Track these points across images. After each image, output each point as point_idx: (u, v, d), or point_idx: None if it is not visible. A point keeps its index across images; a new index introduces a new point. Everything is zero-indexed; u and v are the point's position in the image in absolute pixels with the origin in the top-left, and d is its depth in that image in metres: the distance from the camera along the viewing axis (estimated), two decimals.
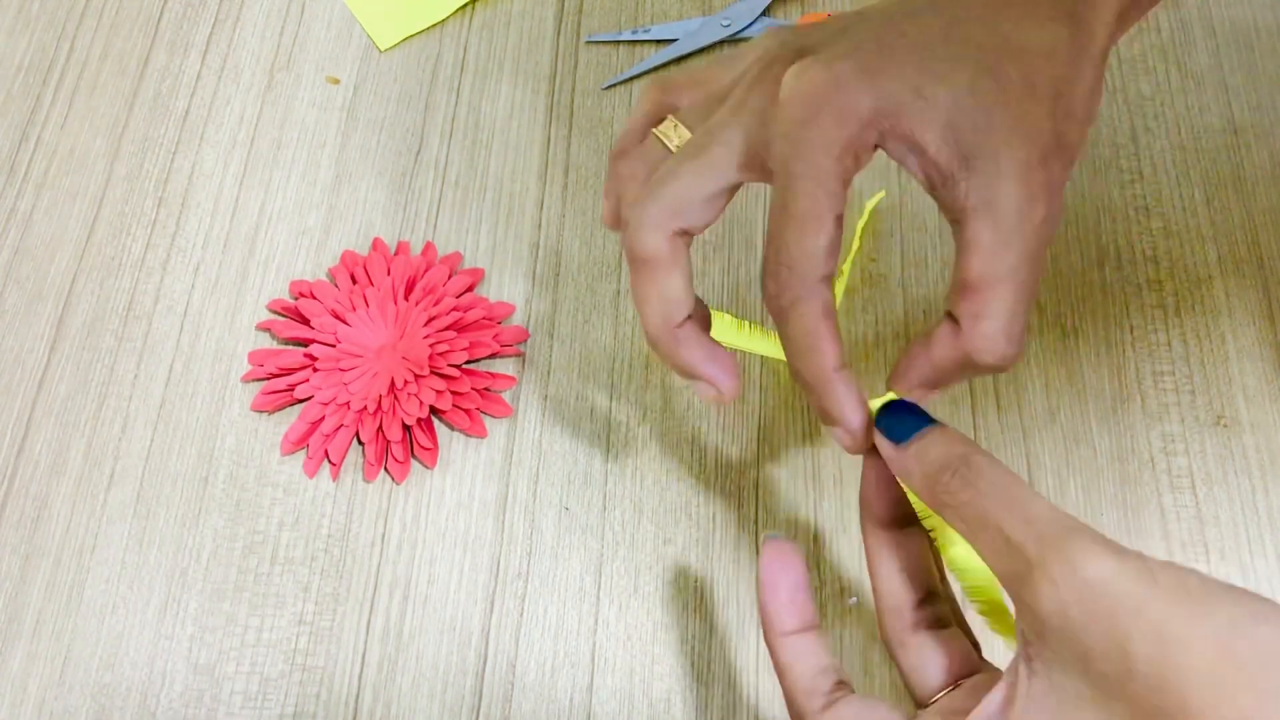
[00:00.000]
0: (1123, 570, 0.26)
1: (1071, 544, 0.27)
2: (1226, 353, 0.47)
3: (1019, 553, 0.28)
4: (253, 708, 0.42)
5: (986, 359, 0.32)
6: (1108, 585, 0.26)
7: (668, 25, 0.56)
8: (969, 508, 0.30)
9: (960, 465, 0.31)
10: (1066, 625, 0.26)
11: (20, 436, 0.47)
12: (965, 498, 0.30)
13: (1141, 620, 0.25)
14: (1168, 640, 0.25)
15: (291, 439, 0.46)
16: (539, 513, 0.45)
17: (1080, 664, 0.26)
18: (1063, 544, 0.27)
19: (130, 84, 0.56)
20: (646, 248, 0.34)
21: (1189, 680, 0.24)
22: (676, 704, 0.42)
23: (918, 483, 0.32)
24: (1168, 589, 0.26)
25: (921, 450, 0.32)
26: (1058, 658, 0.27)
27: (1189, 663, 0.24)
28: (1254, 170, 0.52)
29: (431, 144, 0.54)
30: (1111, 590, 0.26)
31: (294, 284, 0.50)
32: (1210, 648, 0.24)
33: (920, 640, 0.33)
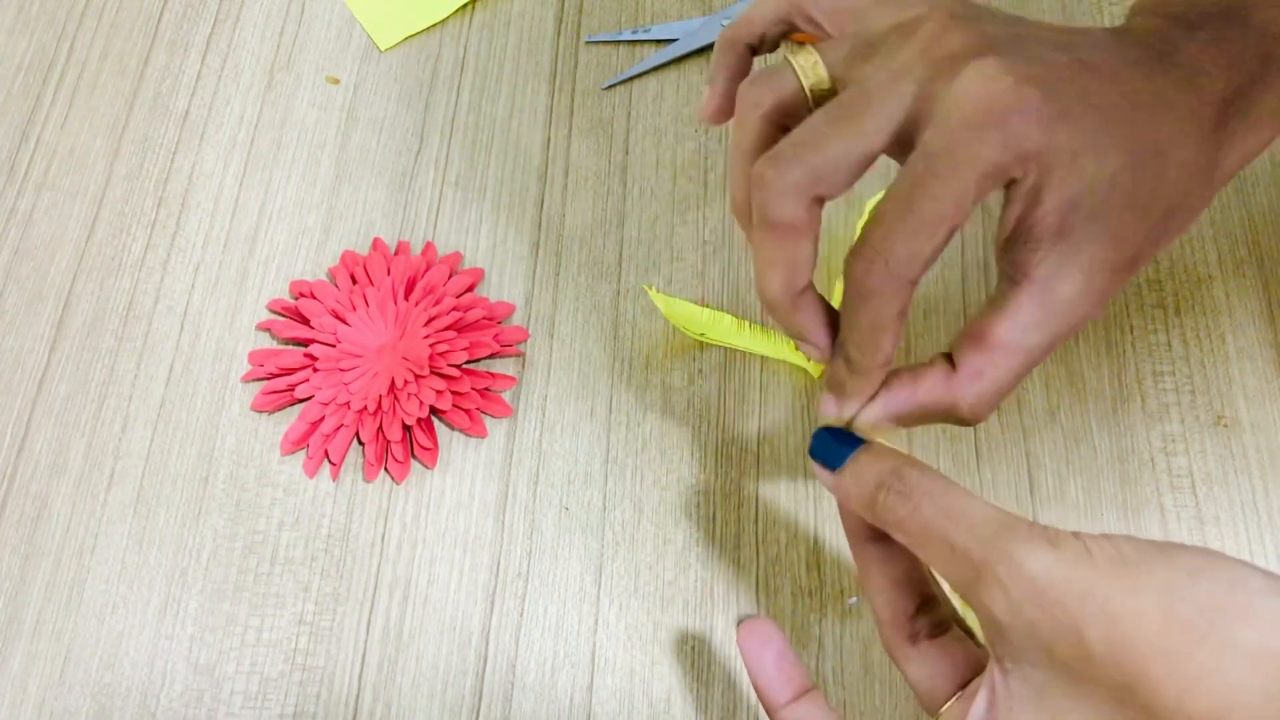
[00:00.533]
0: (1062, 559, 0.27)
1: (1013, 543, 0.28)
2: (1226, 353, 0.47)
3: (965, 560, 0.29)
4: (253, 708, 0.42)
5: (965, 413, 0.33)
6: (1051, 577, 0.27)
7: (668, 25, 0.56)
8: (909, 522, 0.31)
9: (893, 480, 0.31)
10: (1022, 624, 0.27)
11: (20, 436, 0.47)
12: (904, 513, 0.31)
13: (1089, 603, 0.26)
14: (1115, 617, 0.26)
15: (291, 439, 0.46)
16: (539, 513, 0.45)
17: (1045, 657, 0.27)
18: (1002, 544, 0.28)
19: (130, 84, 0.56)
20: (784, 213, 0.32)
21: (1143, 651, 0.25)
22: (676, 704, 0.42)
23: (858, 506, 0.33)
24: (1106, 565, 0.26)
25: (855, 473, 0.33)
26: (1023, 655, 0.28)
27: (1139, 634, 0.25)
28: (1254, 170, 0.52)
29: (431, 144, 0.54)
30: (1055, 581, 0.27)
31: (294, 284, 0.50)
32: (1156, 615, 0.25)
33: (922, 651, 0.33)
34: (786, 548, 0.44)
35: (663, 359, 0.48)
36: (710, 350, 0.48)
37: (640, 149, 0.53)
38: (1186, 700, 0.25)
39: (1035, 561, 0.27)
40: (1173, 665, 0.25)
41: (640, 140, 0.53)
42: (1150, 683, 0.25)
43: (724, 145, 0.53)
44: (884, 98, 0.31)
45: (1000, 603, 0.27)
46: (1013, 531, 0.28)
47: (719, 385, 0.48)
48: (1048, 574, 0.27)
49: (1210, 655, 0.25)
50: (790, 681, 0.35)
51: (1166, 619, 0.25)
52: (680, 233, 0.51)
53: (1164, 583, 0.26)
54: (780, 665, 0.36)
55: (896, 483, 0.31)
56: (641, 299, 0.49)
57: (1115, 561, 0.26)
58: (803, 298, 0.34)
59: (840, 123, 0.31)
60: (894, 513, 0.31)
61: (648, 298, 0.49)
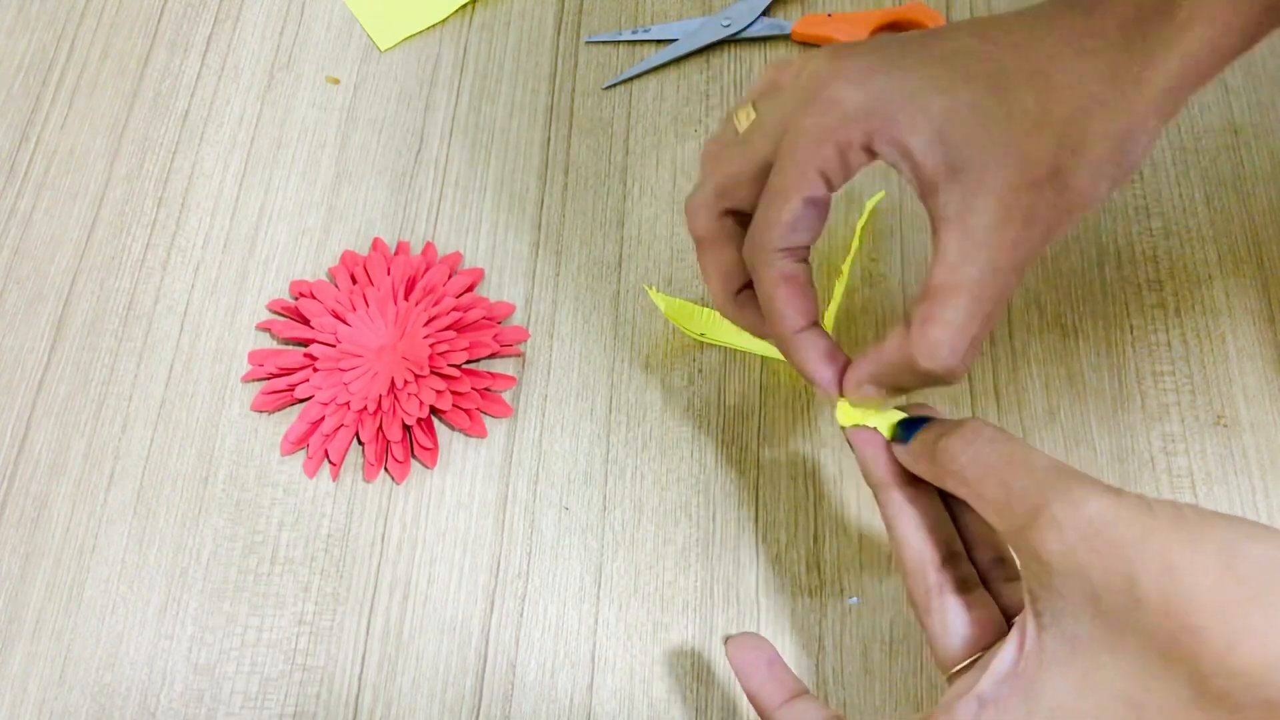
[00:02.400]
0: (1123, 505, 0.27)
1: (1072, 487, 0.28)
2: (1226, 353, 0.47)
3: (1022, 501, 0.29)
4: (253, 708, 0.42)
5: (925, 363, 0.33)
6: (1110, 521, 0.27)
7: (668, 25, 0.56)
8: (971, 466, 0.31)
9: (956, 428, 0.32)
10: (1073, 566, 0.27)
11: (20, 436, 0.47)
12: (966, 458, 0.31)
13: (1145, 550, 0.26)
14: (1172, 566, 0.25)
15: (291, 439, 0.46)
16: (539, 513, 0.45)
17: (1089, 604, 0.27)
18: (1064, 487, 0.28)
19: (130, 84, 0.56)
20: (697, 227, 0.38)
21: (1195, 601, 0.25)
22: (676, 704, 0.42)
23: (924, 461, 0.33)
24: (1167, 519, 0.26)
25: (923, 436, 0.33)
26: (1067, 603, 0.27)
27: (1194, 584, 0.25)
28: (1254, 170, 0.52)
29: (431, 144, 0.54)
30: (1114, 525, 0.27)
31: (294, 284, 0.50)
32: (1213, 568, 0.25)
33: (945, 604, 0.33)
34: (786, 548, 0.44)
35: (663, 359, 0.48)
36: (710, 350, 0.48)
37: (640, 149, 0.53)
38: (1233, 655, 0.24)
39: (1095, 504, 0.27)
40: (1224, 618, 0.25)
41: (640, 140, 0.53)
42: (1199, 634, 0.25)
43: None
44: (764, 115, 0.36)
45: (1054, 543, 0.27)
46: (1077, 478, 0.28)
47: (719, 385, 0.48)
48: (1107, 518, 0.27)
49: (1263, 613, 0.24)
50: (783, 685, 0.35)
51: (1222, 573, 0.25)
52: (680, 233, 0.51)
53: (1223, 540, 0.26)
54: (772, 670, 0.36)
55: (961, 429, 0.32)
56: (641, 299, 0.49)
57: (1176, 518, 0.26)
58: (740, 296, 0.38)
59: (733, 146, 0.36)
60: (956, 458, 0.31)
61: (648, 298, 0.49)
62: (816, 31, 0.55)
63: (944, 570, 0.33)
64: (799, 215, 0.34)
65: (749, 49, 0.56)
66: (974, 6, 0.57)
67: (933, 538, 0.34)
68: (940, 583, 0.33)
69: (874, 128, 0.32)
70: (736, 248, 0.37)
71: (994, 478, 0.30)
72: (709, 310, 0.48)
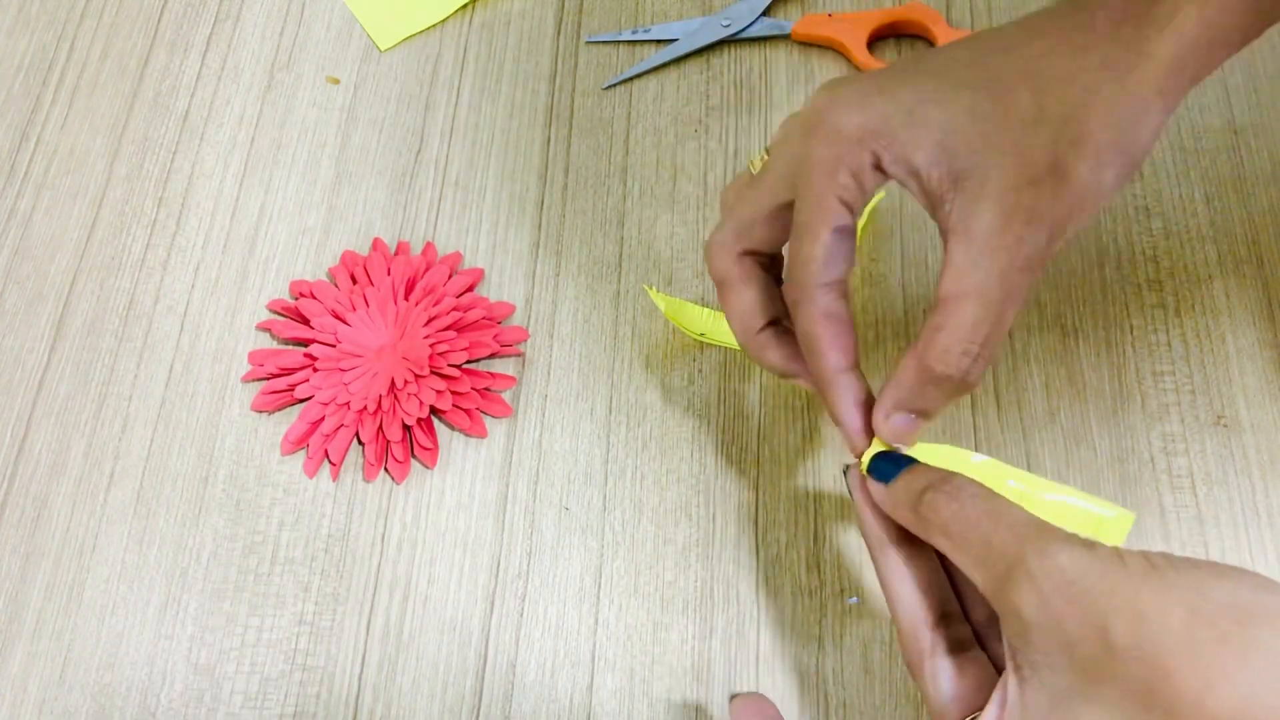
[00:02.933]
0: (1094, 557, 0.27)
1: (1047, 540, 0.28)
2: (1226, 353, 0.47)
3: (1000, 555, 0.29)
4: (253, 708, 0.42)
5: (939, 369, 0.33)
6: (1082, 573, 0.27)
7: (668, 25, 0.56)
8: (953, 521, 0.31)
9: (941, 483, 0.32)
10: (1048, 618, 0.27)
11: (20, 436, 0.47)
12: (948, 512, 0.31)
13: (1116, 599, 0.26)
14: (1142, 612, 0.26)
15: (291, 439, 0.46)
16: (539, 513, 0.45)
17: (1066, 656, 0.27)
18: (1039, 541, 0.28)
19: (130, 84, 0.56)
20: (717, 270, 0.38)
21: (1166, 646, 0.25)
22: (676, 704, 0.42)
23: (905, 510, 0.33)
24: (1136, 568, 0.27)
25: (906, 482, 0.33)
26: (1044, 655, 0.28)
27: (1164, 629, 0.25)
28: (1254, 170, 0.52)
29: (431, 144, 0.54)
30: (1086, 577, 0.27)
31: (294, 284, 0.50)
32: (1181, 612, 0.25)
33: (938, 665, 0.33)
34: (786, 548, 0.44)
35: (663, 359, 0.48)
36: (710, 350, 0.48)
37: (640, 149, 0.53)
38: (1208, 697, 0.24)
39: (1068, 556, 0.27)
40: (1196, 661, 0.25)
41: (640, 140, 0.53)
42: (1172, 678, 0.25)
43: (724, 146, 0.53)
44: (775, 155, 0.36)
45: (1029, 595, 0.28)
46: (1050, 531, 0.29)
47: (719, 385, 0.48)
48: (1080, 570, 0.27)
49: (1234, 654, 0.24)
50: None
51: (1191, 615, 0.25)
52: (680, 233, 0.51)
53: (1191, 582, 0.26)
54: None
55: (944, 485, 0.32)
56: (641, 299, 0.49)
57: (1145, 566, 0.27)
58: (761, 336, 0.38)
59: (747, 189, 0.37)
60: (939, 512, 0.31)
61: (648, 298, 0.49)
62: (816, 31, 0.55)
63: (938, 630, 0.33)
64: (831, 247, 0.34)
65: (749, 49, 0.56)
66: (974, 6, 0.57)
67: (927, 598, 0.34)
68: (934, 643, 0.33)
69: (879, 147, 0.33)
70: (757, 288, 0.38)
71: (975, 533, 0.30)
72: (709, 310, 0.48)
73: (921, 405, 0.34)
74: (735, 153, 0.53)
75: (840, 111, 0.34)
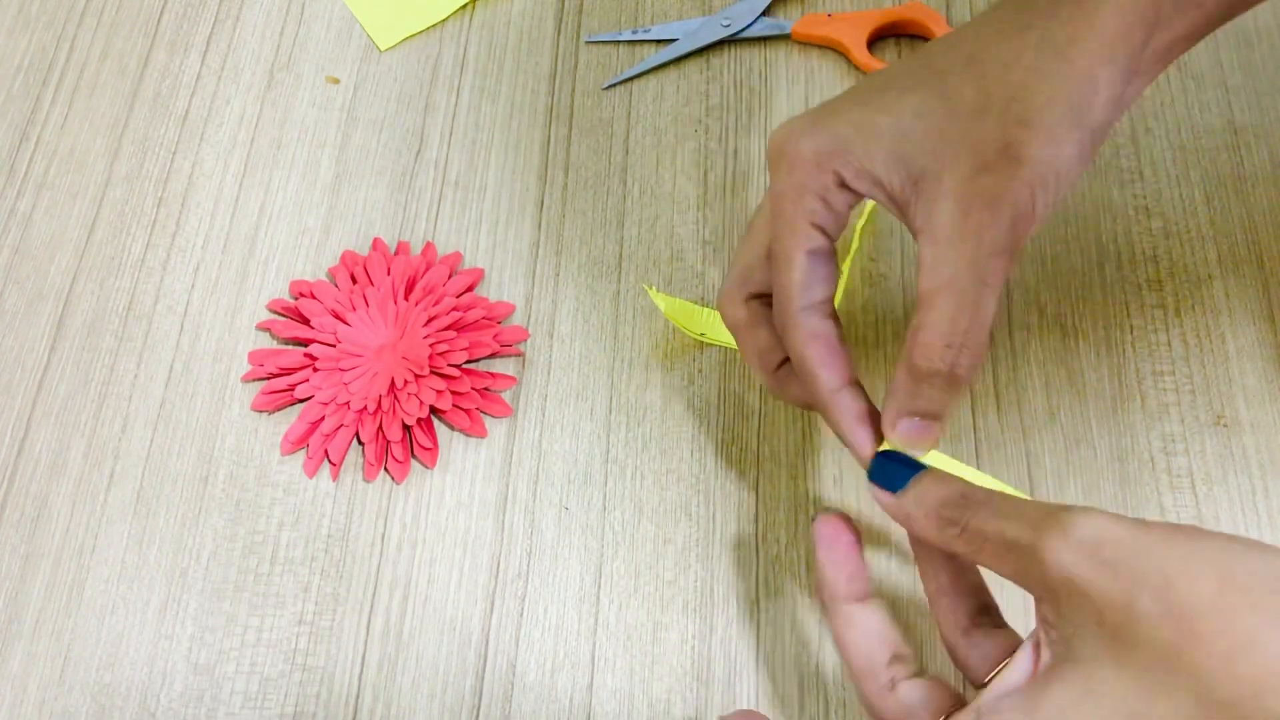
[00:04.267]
0: (1118, 524, 0.27)
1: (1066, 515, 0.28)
2: (1226, 353, 0.47)
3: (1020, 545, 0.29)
4: (253, 708, 0.42)
5: (925, 365, 0.33)
6: (1106, 540, 0.27)
7: (668, 25, 0.56)
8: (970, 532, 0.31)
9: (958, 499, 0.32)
10: (1075, 587, 0.27)
11: (20, 436, 0.47)
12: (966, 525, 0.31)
13: (1143, 564, 0.26)
14: (1170, 577, 0.26)
15: (291, 439, 0.46)
16: (539, 513, 0.45)
17: (1095, 623, 0.27)
18: (1058, 517, 0.28)
19: (130, 84, 0.56)
20: (729, 320, 0.40)
21: (1195, 609, 0.25)
22: (676, 704, 0.42)
23: (921, 525, 0.33)
24: (1162, 534, 0.27)
25: (919, 495, 0.34)
26: (1073, 625, 0.28)
27: (1193, 592, 0.25)
28: (1254, 170, 0.52)
29: (431, 144, 0.54)
30: (1111, 543, 0.27)
31: (294, 284, 0.50)
32: (1211, 576, 0.26)
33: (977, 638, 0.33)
34: (786, 548, 0.44)
35: (663, 359, 0.48)
36: (710, 350, 0.48)
37: (640, 149, 0.53)
38: (1234, 663, 0.25)
39: (1090, 525, 0.27)
40: (1225, 627, 0.25)
41: (640, 140, 0.53)
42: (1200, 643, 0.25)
43: (724, 146, 0.53)
44: (763, 202, 0.38)
45: (1054, 569, 0.28)
46: (1069, 508, 0.29)
47: (719, 385, 0.48)
48: (1103, 537, 0.27)
49: (1263, 621, 0.25)
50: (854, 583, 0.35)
51: (1221, 582, 0.25)
52: (680, 233, 0.51)
53: (1220, 550, 0.26)
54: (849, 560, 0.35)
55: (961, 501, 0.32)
56: (641, 299, 0.50)
57: (1171, 532, 0.27)
58: (780, 373, 0.39)
59: (744, 238, 0.39)
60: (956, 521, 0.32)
61: (648, 298, 0.49)
62: (816, 31, 0.55)
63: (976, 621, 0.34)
64: (807, 271, 0.35)
65: (749, 49, 0.56)
66: (974, 6, 0.57)
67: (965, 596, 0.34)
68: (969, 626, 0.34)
69: (838, 165, 0.34)
70: (767, 328, 0.39)
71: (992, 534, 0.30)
72: (709, 310, 0.48)
73: (921, 406, 0.34)
74: (735, 153, 0.53)
75: (794, 140, 0.35)
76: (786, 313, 0.36)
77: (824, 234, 0.35)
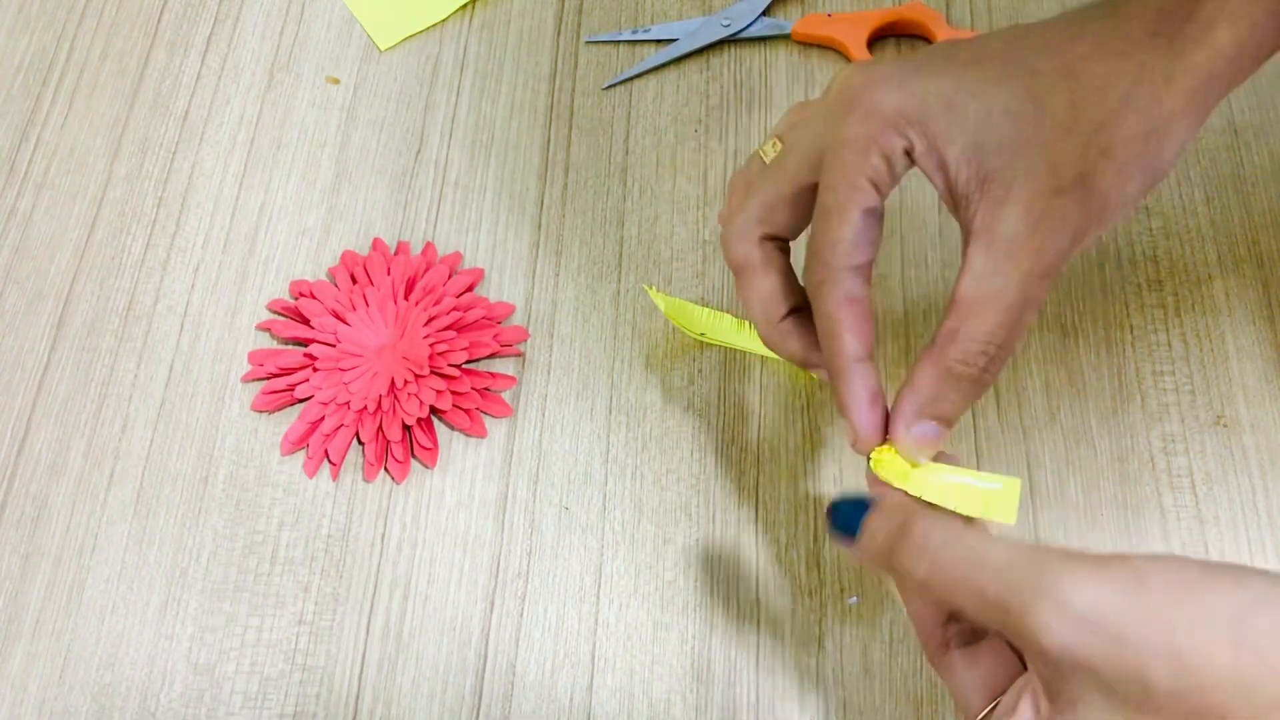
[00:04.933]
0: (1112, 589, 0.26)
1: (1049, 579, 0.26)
2: (1226, 353, 0.47)
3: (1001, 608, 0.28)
4: (253, 708, 0.42)
5: (959, 370, 0.33)
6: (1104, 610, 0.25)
7: (668, 25, 0.56)
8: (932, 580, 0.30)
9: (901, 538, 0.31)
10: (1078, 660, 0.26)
11: (20, 436, 0.47)
12: (922, 572, 0.30)
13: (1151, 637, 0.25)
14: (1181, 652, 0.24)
15: (291, 439, 0.46)
16: (539, 513, 0.45)
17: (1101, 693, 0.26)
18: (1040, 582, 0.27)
19: (130, 84, 0.56)
20: (737, 255, 0.37)
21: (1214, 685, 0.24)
22: (676, 704, 0.42)
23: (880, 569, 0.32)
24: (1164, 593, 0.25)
25: (868, 539, 0.33)
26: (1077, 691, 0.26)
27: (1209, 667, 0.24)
28: (1254, 170, 0.52)
29: (431, 144, 0.54)
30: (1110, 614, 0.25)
31: (294, 284, 0.50)
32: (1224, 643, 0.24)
33: (954, 659, 0.33)
34: (786, 548, 0.44)
35: (663, 359, 0.48)
36: (710, 350, 0.48)
37: (640, 149, 0.53)
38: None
39: (1083, 595, 0.26)
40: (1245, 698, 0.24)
41: (640, 140, 0.53)
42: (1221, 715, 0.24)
43: (724, 146, 0.53)
44: (796, 138, 0.35)
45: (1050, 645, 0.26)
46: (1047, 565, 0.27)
47: (719, 385, 0.48)
48: (1099, 607, 0.25)
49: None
50: None
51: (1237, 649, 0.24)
52: (680, 233, 0.51)
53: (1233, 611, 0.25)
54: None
55: (904, 539, 0.31)
56: (641, 299, 0.49)
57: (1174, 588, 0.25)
58: (784, 324, 0.37)
59: (768, 171, 0.36)
60: (914, 573, 0.30)
61: (648, 298, 0.49)
62: (816, 31, 0.55)
63: (947, 627, 0.33)
64: (860, 229, 0.33)
65: (749, 49, 0.56)
66: (974, 7, 0.57)
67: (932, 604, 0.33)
68: (945, 640, 0.33)
69: (914, 134, 0.32)
70: (780, 273, 0.37)
71: (961, 591, 0.29)
72: (709, 310, 0.48)
73: (943, 409, 0.34)
74: (735, 153, 0.53)
75: (879, 90, 0.32)
76: (829, 268, 0.34)
77: (879, 194, 0.33)
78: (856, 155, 0.33)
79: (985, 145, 0.32)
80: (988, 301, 0.32)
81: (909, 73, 0.33)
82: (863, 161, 0.33)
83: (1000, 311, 0.32)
